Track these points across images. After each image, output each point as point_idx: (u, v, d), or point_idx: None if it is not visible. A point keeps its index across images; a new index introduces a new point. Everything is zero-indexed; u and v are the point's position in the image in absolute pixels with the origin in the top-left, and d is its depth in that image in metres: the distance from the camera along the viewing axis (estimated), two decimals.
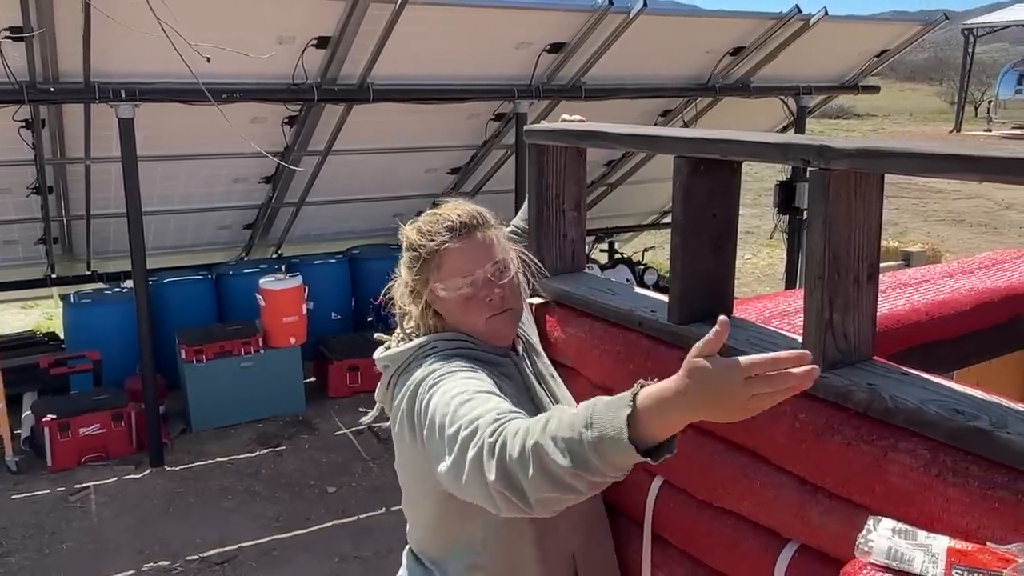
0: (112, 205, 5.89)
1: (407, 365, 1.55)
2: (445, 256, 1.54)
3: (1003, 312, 2.32)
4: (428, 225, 1.57)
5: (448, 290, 1.54)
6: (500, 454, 1.23)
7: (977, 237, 11.65)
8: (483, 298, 1.55)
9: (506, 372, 1.59)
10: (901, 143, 1.29)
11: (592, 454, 1.15)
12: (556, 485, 1.19)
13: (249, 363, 5.66)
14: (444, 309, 1.59)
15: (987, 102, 28.03)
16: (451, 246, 1.54)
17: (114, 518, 4.53)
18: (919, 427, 1.27)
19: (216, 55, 3.49)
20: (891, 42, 7.09)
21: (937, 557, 1.12)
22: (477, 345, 1.57)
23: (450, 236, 1.54)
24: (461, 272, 1.54)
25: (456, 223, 1.55)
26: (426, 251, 1.55)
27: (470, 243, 1.55)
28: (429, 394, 1.44)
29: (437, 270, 1.55)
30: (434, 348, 1.54)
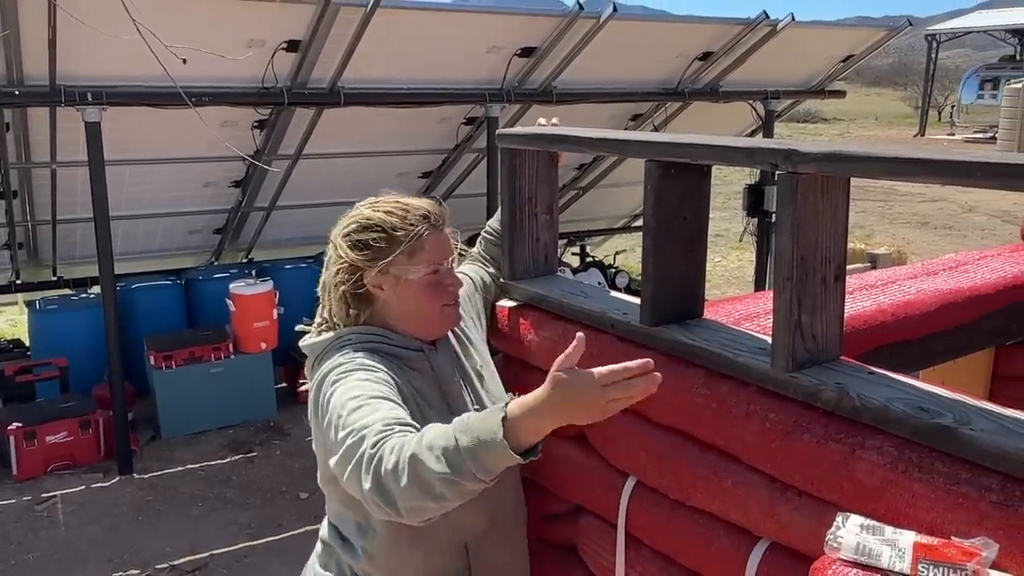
0: (79, 210, 5.81)
1: (324, 354, 1.63)
2: (424, 242, 1.62)
3: (967, 312, 2.37)
4: (402, 210, 1.64)
5: (418, 274, 1.62)
6: (376, 467, 1.33)
7: (941, 239, 11.86)
8: (446, 285, 1.66)
9: (416, 366, 1.65)
10: (866, 147, 1.32)
11: (467, 457, 1.26)
12: (427, 494, 1.29)
13: (219, 369, 5.61)
14: (397, 294, 1.63)
15: (950, 107, 28.54)
16: (430, 234, 1.63)
17: (82, 527, 4.46)
18: (886, 425, 1.30)
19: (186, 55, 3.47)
20: (856, 47, 7.20)
21: (904, 552, 1.15)
22: (391, 340, 1.64)
23: (428, 225, 1.63)
24: (435, 260, 1.63)
25: (431, 214, 1.65)
26: (405, 235, 1.60)
27: (443, 234, 1.67)
28: (331, 390, 1.52)
29: (411, 255, 1.61)
30: (348, 340, 1.62)
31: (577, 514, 1.89)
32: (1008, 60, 25.58)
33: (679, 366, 1.61)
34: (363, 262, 1.62)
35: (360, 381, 1.51)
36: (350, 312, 1.67)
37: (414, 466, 1.28)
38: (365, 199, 1.72)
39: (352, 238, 1.63)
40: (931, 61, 26.52)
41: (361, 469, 1.34)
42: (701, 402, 1.53)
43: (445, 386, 1.69)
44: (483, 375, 1.80)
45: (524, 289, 2.01)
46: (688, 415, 1.56)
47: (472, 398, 1.73)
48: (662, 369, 1.61)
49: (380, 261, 1.60)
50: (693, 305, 1.74)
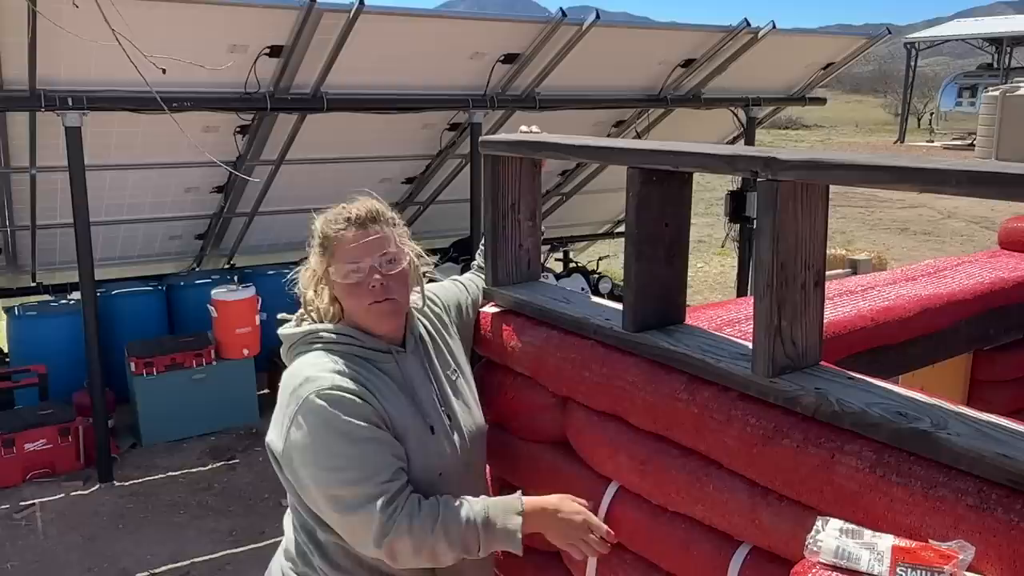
0: (58, 215, 5.76)
1: (297, 346, 1.72)
2: (340, 243, 1.68)
3: (946, 318, 2.40)
4: (332, 215, 1.71)
5: (338, 274, 1.68)
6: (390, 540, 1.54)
7: (921, 245, 11.98)
8: (367, 284, 1.67)
9: (385, 368, 1.70)
10: (844, 155, 1.33)
11: (483, 545, 1.60)
12: (433, 561, 1.59)
13: (201, 375, 5.56)
14: (339, 293, 1.72)
15: (929, 114, 28.84)
16: (345, 234, 1.68)
17: (61, 536, 4.42)
18: (864, 430, 1.31)
19: (167, 64, 3.45)
20: (837, 55, 7.27)
21: (882, 555, 1.16)
22: (361, 340, 1.70)
23: (346, 225, 1.68)
24: (351, 259, 1.67)
25: (354, 215, 1.69)
26: (325, 238, 1.69)
27: (364, 234, 1.68)
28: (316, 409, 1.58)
29: (332, 256, 1.68)
30: (320, 337, 1.69)
31: None
32: (986, 68, 25.88)
33: (661, 372, 1.62)
34: (315, 263, 1.73)
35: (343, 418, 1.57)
36: (320, 307, 1.75)
37: (431, 547, 1.56)
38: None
39: (312, 242, 1.74)
40: (910, 69, 26.80)
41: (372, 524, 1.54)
42: (682, 408, 1.54)
43: (411, 389, 1.72)
44: (455, 382, 1.82)
45: (507, 295, 2.01)
46: (670, 420, 1.57)
47: (440, 402, 1.76)
48: (644, 375, 1.64)
49: (325, 263, 1.70)
50: (675, 311, 1.75)
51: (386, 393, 1.66)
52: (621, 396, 1.66)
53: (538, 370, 1.89)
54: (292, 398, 1.62)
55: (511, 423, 1.95)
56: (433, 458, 1.68)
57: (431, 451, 1.68)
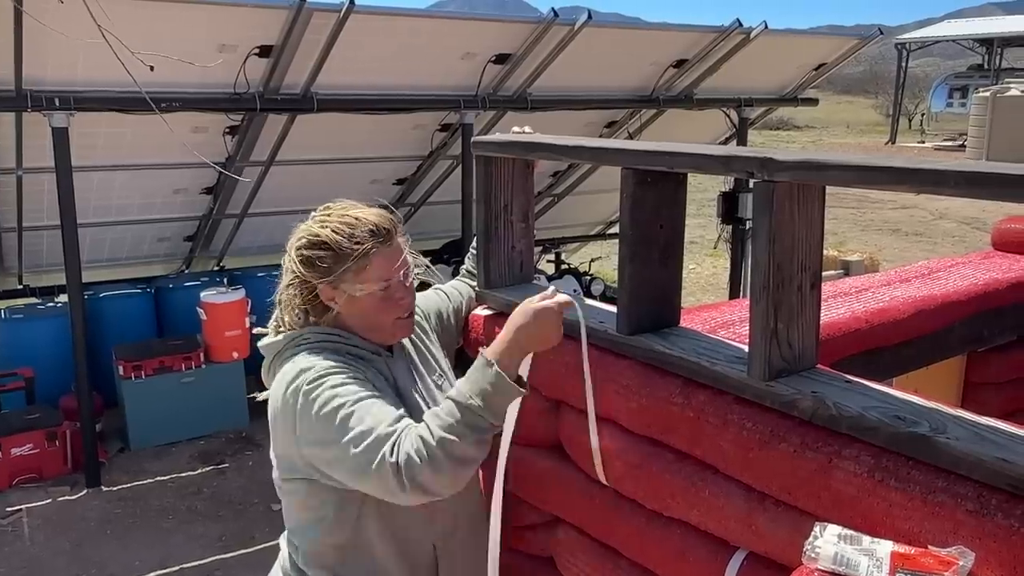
0: (45, 217, 5.71)
1: (282, 354, 1.64)
2: (371, 260, 1.58)
3: (940, 319, 2.39)
4: (348, 227, 1.59)
5: (365, 291, 1.60)
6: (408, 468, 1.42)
7: (913, 246, 12.01)
8: (397, 300, 1.63)
9: (376, 365, 1.65)
10: (841, 156, 1.31)
11: (486, 414, 1.45)
12: (465, 464, 1.45)
13: (190, 379, 5.52)
14: (349, 308, 1.62)
15: (920, 115, 28.99)
16: (378, 250, 1.59)
17: (48, 542, 4.37)
18: (862, 434, 1.29)
19: (155, 62, 3.41)
20: (828, 56, 7.28)
21: (881, 561, 1.14)
22: (349, 339, 1.64)
23: (375, 241, 1.59)
24: (383, 276, 1.60)
25: (380, 228, 1.61)
26: (350, 253, 1.58)
27: (392, 249, 1.62)
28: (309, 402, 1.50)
29: (358, 272, 1.58)
30: (306, 339, 1.62)
31: (554, 525, 1.87)
32: (976, 69, 26.04)
33: (655, 375, 1.59)
34: (313, 278, 1.61)
35: (335, 388, 1.51)
36: (309, 320, 1.67)
37: (447, 449, 1.42)
38: (320, 208, 1.68)
39: (302, 253, 1.61)
40: (901, 70, 26.92)
41: (389, 475, 1.42)
42: (677, 411, 1.52)
43: (400, 390, 1.68)
44: (441, 387, 1.79)
45: (499, 297, 1.99)
46: (665, 425, 1.55)
47: (428, 404, 1.71)
48: (639, 378, 1.61)
49: (328, 278, 1.60)
50: (670, 313, 1.73)
51: (378, 385, 1.61)
52: (615, 400, 1.64)
53: (531, 374, 1.85)
54: (288, 396, 1.54)
55: None
56: None
57: None
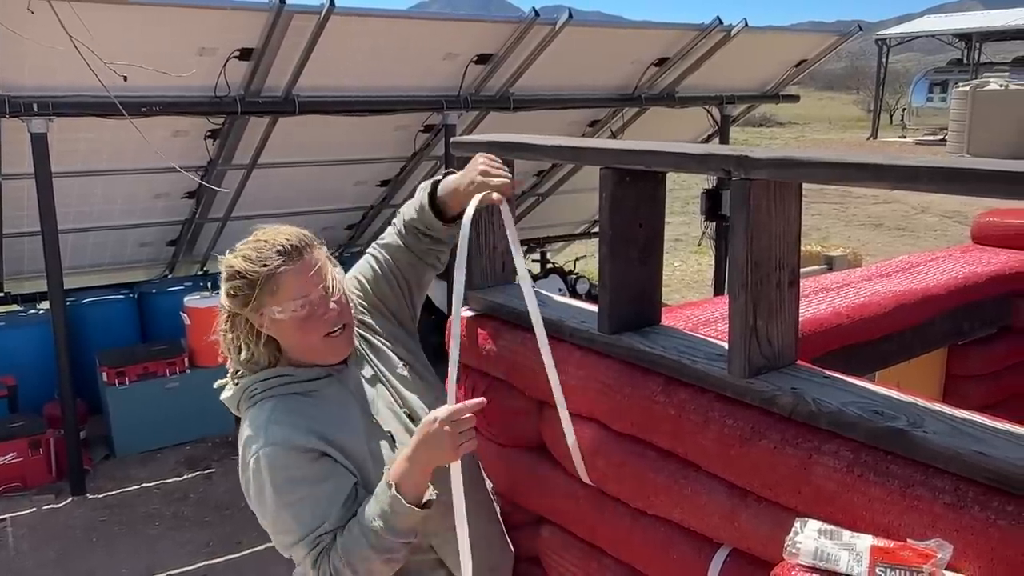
0: (26, 223, 5.66)
1: (242, 403, 1.64)
2: (280, 279, 1.55)
3: (920, 313, 2.40)
4: (256, 251, 1.56)
5: (285, 312, 1.56)
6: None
7: (895, 240, 12.09)
8: (320, 316, 1.58)
9: (328, 395, 1.63)
10: (816, 153, 1.32)
11: (389, 535, 1.49)
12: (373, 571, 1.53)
13: (174, 384, 5.49)
14: (279, 332, 1.60)
15: (901, 110, 29.16)
16: (285, 268, 1.55)
17: (33, 551, 4.33)
18: (841, 429, 1.30)
19: (130, 71, 3.39)
20: (809, 52, 7.32)
21: (861, 555, 1.15)
22: (294, 377, 1.62)
23: (283, 260, 1.55)
24: (297, 293, 1.56)
25: (286, 246, 1.57)
26: (259, 276, 1.54)
27: (303, 264, 1.57)
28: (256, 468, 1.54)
29: (272, 294, 1.55)
30: (254, 391, 1.61)
31: (539, 525, 1.87)
32: (956, 64, 26.21)
33: (637, 373, 1.60)
34: (238, 309, 1.58)
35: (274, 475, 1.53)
36: (253, 353, 1.62)
37: (359, 569, 1.50)
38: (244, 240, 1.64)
39: (225, 287, 1.60)
40: (882, 65, 27.08)
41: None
42: (660, 410, 1.53)
43: (365, 401, 1.66)
44: (407, 379, 1.74)
45: (482, 298, 1.99)
46: (647, 423, 1.55)
47: (399, 404, 1.70)
48: (621, 377, 1.62)
49: (248, 306, 1.57)
50: (651, 312, 1.73)
51: (334, 421, 1.59)
52: (598, 399, 1.64)
53: (514, 374, 1.86)
54: (241, 463, 1.59)
55: (487, 428, 1.92)
56: None
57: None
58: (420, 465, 1.52)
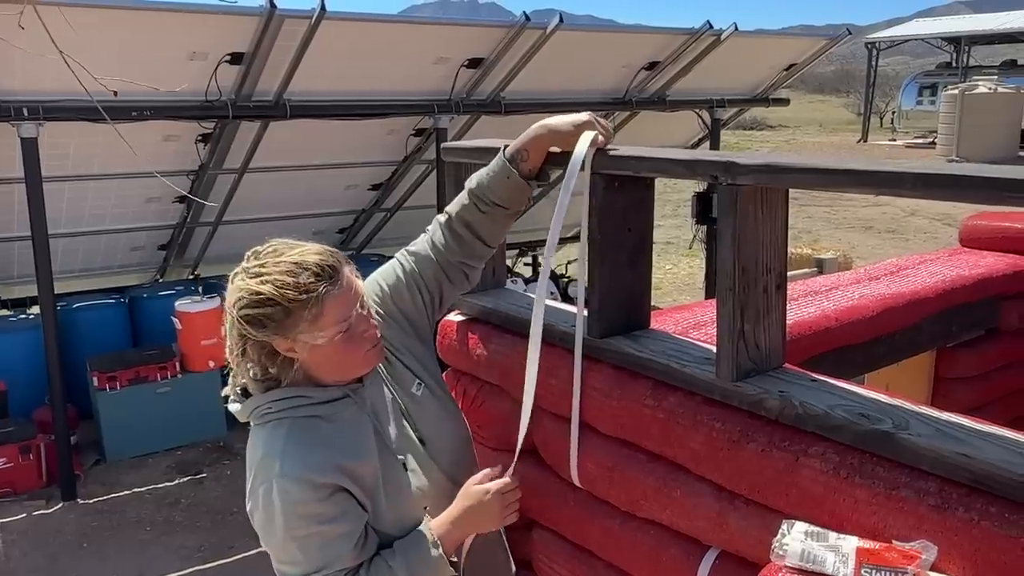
0: (16, 228, 5.64)
1: (252, 418, 1.54)
2: (324, 306, 1.44)
3: (909, 316, 2.42)
4: (291, 276, 1.43)
5: (326, 337, 1.46)
6: None
7: (885, 243, 12.15)
8: (361, 334, 1.50)
9: (345, 417, 1.54)
10: (802, 159, 1.34)
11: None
12: None
13: (166, 389, 5.48)
14: (310, 355, 1.49)
15: (891, 113, 29.32)
16: (328, 292, 1.44)
17: (24, 557, 4.32)
18: (828, 432, 1.31)
19: (127, 71, 3.40)
20: (799, 56, 7.36)
21: (847, 557, 1.16)
22: (311, 398, 1.52)
23: (325, 283, 1.45)
24: (341, 317, 1.46)
25: (325, 268, 1.46)
26: (298, 304, 1.43)
27: (342, 286, 1.47)
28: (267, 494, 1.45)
29: (313, 321, 1.44)
30: (268, 410, 1.51)
31: (530, 528, 1.88)
32: (945, 67, 26.38)
33: (626, 377, 1.61)
34: (265, 336, 1.46)
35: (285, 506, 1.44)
36: (269, 371, 1.52)
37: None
38: (248, 255, 1.52)
39: (247, 314, 1.44)
40: (872, 68, 27.23)
41: None
42: (649, 413, 1.54)
43: (380, 423, 1.58)
44: (420, 399, 1.65)
45: (472, 303, 2.00)
46: (636, 426, 1.56)
47: (412, 426, 1.62)
48: (610, 381, 1.63)
49: (283, 334, 1.45)
50: (640, 316, 1.74)
51: (349, 447, 1.51)
52: (587, 402, 1.65)
53: (504, 378, 1.87)
54: (251, 485, 1.50)
55: (478, 432, 1.93)
56: (413, 496, 1.56)
57: (409, 489, 1.56)
58: (464, 531, 1.58)
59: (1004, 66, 23.85)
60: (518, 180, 1.67)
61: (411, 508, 1.55)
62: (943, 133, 19.63)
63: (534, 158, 1.68)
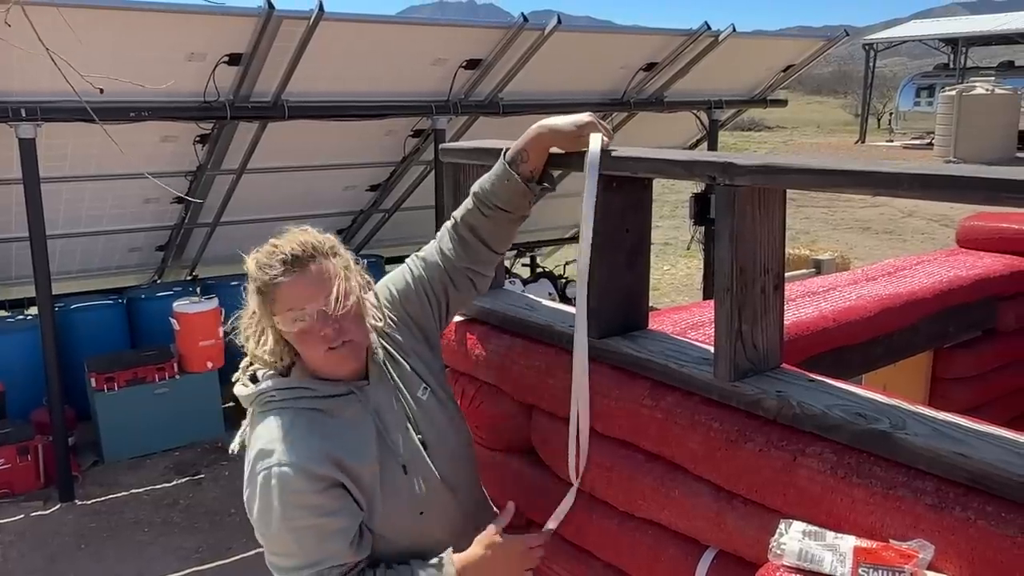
0: (14, 229, 5.63)
1: (254, 406, 1.57)
2: (277, 290, 1.48)
3: (906, 317, 2.43)
4: (265, 257, 1.50)
5: (284, 324, 1.50)
6: None
7: (883, 243, 12.16)
8: (316, 332, 1.49)
9: (347, 415, 1.54)
10: (800, 159, 1.34)
11: None
12: None
13: (164, 390, 5.47)
14: (291, 342, 1.53)
15: (888, 114, 29.34)
16: (282, 280, 1.47)
17: (22, 558, 4.31)
18: (825, 431, 1.32)
19: (124, 71, 3.39)
20: (797, 57, 7.37)
21: (845, 556, 1.17)
22: (316, 390, 1.53)
23: (283, 269, 1.48)
24: (293, 306, 1.48)
25: (288, 255, 1.48)
26: (262, 284, 1.49)
27: (302, 277, 1.48)
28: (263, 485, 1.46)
29: (272, 304, 1.49)
30: (272, 398, 1.53)
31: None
32: (942, 68, 26.40)
33: (625, 378, 1.61)
34: (255, 307, 1.53)
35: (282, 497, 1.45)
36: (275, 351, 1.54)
37: None
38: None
39: (247, 284, 1.54)
40: (869, 69, 27.25)
41: None
42: (647, 413, 1.54)
43: (384, 424, 1.57)
44: (425, 403, 1.65)
45: (472, 304, 2.00)
46: (634, 426, 1.57)
47: (416, 429, 1.61)
48: (608, 381, 1.63)
49: (263, 310, 1.51)
50: (637, 316, 1.75)
51: (349, 445, 1.51)
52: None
53: (503, 379, 1.87)
54: (249, 472, 1.51)
55: (476, 432, 1.93)
56: (411, 500, 1.56)
57: (407, 493, 1.55)
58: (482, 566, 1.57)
59: (1001, 67, 23.87)
60: (518, 184, 1.67)
61: (408, 511, 1.55)
62: (940, 134, 19.65)
63: (534, 159, 1.67)
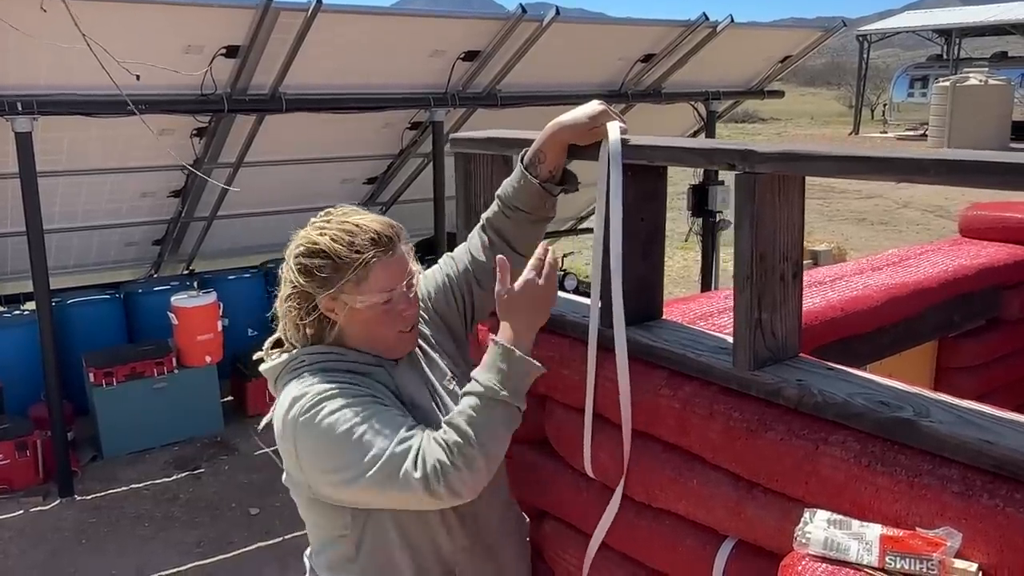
0: (10, 223, 5.60)
1: (280, 379, 1.55)
2: (371, 270, 1.49)
3: (912, 306, 2.43)
4: (348, 235, 1.50)
5: (366, 303, 1.50)
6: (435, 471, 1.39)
7: (878, 235, 12.19)
8: (400, 311, 1.53)
9: (378, 377, 1.55)
10: (821, 147, 1.33)
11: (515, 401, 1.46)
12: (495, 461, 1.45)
13: (162, 384, 5.45)
14: (348, 320, 1.53)
15: (882, 105, 29.40)
16: (379, 260, 1.49)
17: (22, 554, 4.29)
18: (848, 420, 1.31)
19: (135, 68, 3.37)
20: (793, 48, 7.36)
21: (871, 545, 1.16)
22: (346, 357, 1.54)
23: (376, 249, 1.50)
24: (385, 287, 1.51)
25: (382, 236, 1.51)
26: (350, 263, 1.49)
27: (394, 258, 1.52)
28: (309, 419, 1.44)
29: (358, 283, 1.49)
30: (302, 363, 1.53)
31: (542, 519, 1.88)
32: (936, 59, 26.45)
33: (641, 367, 1.60)
34: (311, 288, 1.51)
35: (333, 413, 1.44)
36: (307, 333, 1.55)
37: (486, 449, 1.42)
38: (320, 213, 1.58)
39: (300, 262, 1.52)
40: (863, 61, 27.27)
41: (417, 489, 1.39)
42: (664, 403, 1.53)
43: (410, 399, 1.57)
44: (455, 392, 1.62)
45: None
46: (652, 416, 1.56)
47: (442, 411, 1.60)
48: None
49: (327, 289, 1.50)
50: (653, 306, 1.74)
51: (382, 398, 1.51)
52: (601, 393, 1.65)
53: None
54: (286, 426, 1.49)
55: None
56: None
57: None
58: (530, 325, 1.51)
59: (994, 58, 23.92)
60: (535, 186, 1.67)
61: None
62: (934, 125, 19.70)
63: (552, 158, 1.67)
